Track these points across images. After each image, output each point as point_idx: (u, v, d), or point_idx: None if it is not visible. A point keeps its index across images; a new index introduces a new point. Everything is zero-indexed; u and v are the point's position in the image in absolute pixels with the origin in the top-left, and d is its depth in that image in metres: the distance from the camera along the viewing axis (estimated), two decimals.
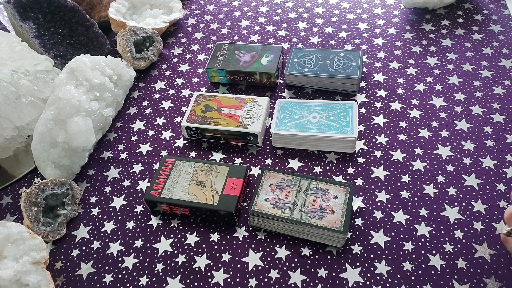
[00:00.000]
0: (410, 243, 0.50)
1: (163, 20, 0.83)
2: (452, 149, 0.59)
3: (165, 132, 0.67)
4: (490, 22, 0.77)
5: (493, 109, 0.63)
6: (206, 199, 0.53)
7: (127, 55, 0.74)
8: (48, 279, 0.48)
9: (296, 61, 0.70)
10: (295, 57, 0.71)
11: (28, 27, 0.70)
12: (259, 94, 0.71)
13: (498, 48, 0.72)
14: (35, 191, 0.54)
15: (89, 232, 0.56)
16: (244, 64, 0.71)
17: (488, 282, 0.46)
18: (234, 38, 0.83)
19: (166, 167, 0.58)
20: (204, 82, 0.75)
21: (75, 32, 0.77)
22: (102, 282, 0.51)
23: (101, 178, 0.62)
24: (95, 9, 0.85)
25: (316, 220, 0.49)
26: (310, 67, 0.68)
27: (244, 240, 0.53)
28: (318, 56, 0.70)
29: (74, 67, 0.63)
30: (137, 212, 0.57)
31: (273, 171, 0.56)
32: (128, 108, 0.72)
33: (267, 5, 0.90)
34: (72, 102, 0.60)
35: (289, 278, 0.49)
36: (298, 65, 0.69)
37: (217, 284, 0.49)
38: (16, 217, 0.59)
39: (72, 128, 0.59)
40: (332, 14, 0.85)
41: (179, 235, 0.54)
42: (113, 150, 0.66)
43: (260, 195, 0.53)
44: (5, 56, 0.64)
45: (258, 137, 0.61)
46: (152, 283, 0.50)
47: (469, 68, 0.70)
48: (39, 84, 0.66)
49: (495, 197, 0.53)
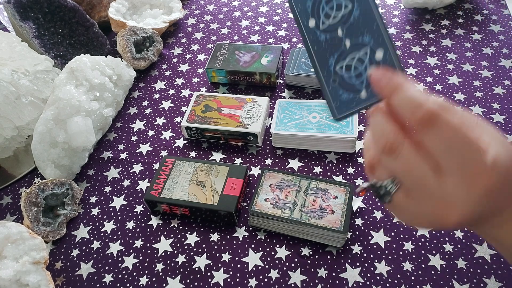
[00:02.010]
0: (410, 243, 0.50)
1: (163, 20, 0.83)
2: None
3: (165, 132, 0.67)
4: (490, 22, 0.77)
5: (493, 109, 0.63)
6: (206, 199, 0.53)
7: (127, 55, 0.74)
8: (48, 279, 0.48)
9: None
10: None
11: (28, 27, 0.70)
12: (259, 94, 0.71)
13: (498, 48, 0.72)
14: (35, 191, 0.54)
15: (89, 232, 0.56)
16: (244, 64, 0.71)
17: (488, 282, 0.46)
18: (234, 38, 0.83)
19: (166, 167, 0.58)
20: (204, 82, 0.75)
21: (75, 32, 0.77)
22: (102, 282, 0.51)
23: (101, 178, 0.62)
24: (95, 9, 0.85)
25: (316, 220, 0.49)
26: None
27: (244, 240, 0.53)
28: None
29: (74, 67, 0.63)
30: (137, 212, 0.57)
31: (273, 171, 0.56)
32: (128, 108, 0.72)
33: (267, 5, 0.90)
34: (72, 102, 0.60)
35: (289, 278, 0.48)
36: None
37: (217, 284, 0.49)
38: (16, 217, 0.59)
39: (72, 128, 0.59)
40: None
41: (179, 235, 0.54)
42: (113, 150, 0.66)
43: (260, 195, 0.53)
44: (5, 56, 0.64)
45: (258, 137, 0.61)
46: (152, 283, 0.50)
47: (469, 68, 0.70)
48: (39, 84, 0.66)
49: None
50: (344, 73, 0.30)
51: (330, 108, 0.31)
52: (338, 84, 0.30)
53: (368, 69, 0.29)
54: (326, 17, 0.29)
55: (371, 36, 0.29)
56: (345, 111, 0.30)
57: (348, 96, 0.30)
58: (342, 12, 0.29)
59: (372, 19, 0.28)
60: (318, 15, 0.29)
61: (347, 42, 0.29)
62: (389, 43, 0.28)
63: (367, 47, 0.29)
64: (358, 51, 0.29)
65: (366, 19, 0.28)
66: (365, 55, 0.29)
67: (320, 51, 0.30)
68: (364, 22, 0.29)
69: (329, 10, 0.29)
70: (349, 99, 0.30)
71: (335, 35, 0.29)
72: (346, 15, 0.29)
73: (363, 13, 0.28)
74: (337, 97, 0.30)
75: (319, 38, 0.30)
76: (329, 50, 0.30)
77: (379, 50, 0.28)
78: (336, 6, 0.29)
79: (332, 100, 0.31)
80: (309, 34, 0.30)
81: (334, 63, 0.30)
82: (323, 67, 0.30)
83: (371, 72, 0.27)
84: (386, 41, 0.28)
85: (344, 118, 0.31)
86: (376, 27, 0.28)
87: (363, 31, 0.29)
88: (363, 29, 0.29)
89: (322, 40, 0.30)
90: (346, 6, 0.29)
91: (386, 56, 0.28)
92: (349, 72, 0.30)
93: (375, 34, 0.28)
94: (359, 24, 0.29)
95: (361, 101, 0.30)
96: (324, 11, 0.29)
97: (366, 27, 0.29)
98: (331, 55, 0.30)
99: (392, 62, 0.28)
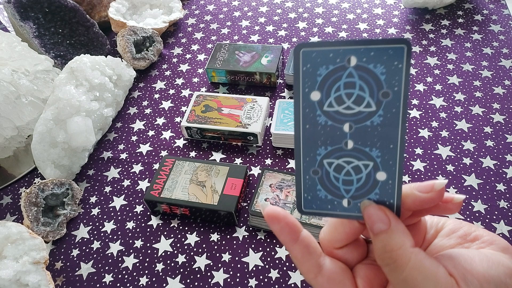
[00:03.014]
0: None
1: (163, 20, 0.83)
2: (452, 149, 0.59)
3: (165, 132, 0.67)
4: (490, 22, 0.77)
5: (493, 109, 0.63)
6: (206, 199, 0.53)
7: (127, 55, 0.74)
8: (48, 279, 0.48)
9: None
10: None
11: (28, 27, 0.70)
12: (259, 94, 0.71)
13: (498, 48, 0.72)
14: (35, 191, 0.54)
15: (89, 232, 0.56)
16: (244, 64, 0.71)
17: None
18: (234, 38, 0.83)
19: (166, 167, 0.58)
20: (204, 82, 0.75)
21: (75, 32, 0.77)
22: (102, 282, 0.51)
23: (101, 178, 0.62)
24: (95, 9, 0.85)
25: (316, 220, 0.49)
26: None
27: (244, 240, 0.53)
28: None
29: (74, 67, 0.63)
30: (137, 212, 0.57)
31: (273, 171, 0.56)
32: (128, 108, 0.72)
33: (267, 5, 0.90)
34: (72, 102, 0.60)
35: (289, 278, 0.48)
36: None
37: (217, 284, 0.49)
38: (16, 217, 0.59)
39: (72, 128, 0.59)
40: (332, 14, 0.85)
41: (179, 235, 0.54)
42: (113, 150, 0.66)
43: (260, 195, 0.53)
44: (5, 56, 0.64)
45: (258, 137, 0.61)
46: (152, 283, 0.50)
47: (469, 68, 0.70)
48: (39, 84, 0.66)
49: (495, 197, 0.53)
50: (331, 171, 0.24)
51: (298, 197, 0.25)
52: (318, 179, 0.24)
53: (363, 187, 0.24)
54: (337, 102, 0.23)
55: (382, 154, 0.23)
56: (315, 209, 0.25)
57: (325, 196, 0.24)
58: (360, 108, 0.22)
59: (392, 137, 0.22)
60: (328, 94, 0.22)
61: (349, 143, 0.23)
62: (399, 172, 0.23)
63: (372, 163, 0.23)
64: (359, 160, 0.23)
65: (386, 133, 0.22)
66: (365, 167, 0.23)
67: (312, 133, 0.23)
68: (381, 135, 0.22)
69: (345, 97, 0.22)
70: (325, 200, 0.24)
71: (339, 128, 0.23)
72: (363, 115, 0.22)
73: (385, 125, 0.22)
74: (312, 190, 0.25)
75: (317, 119, 0.23)
76: (323, 139, 0.23)
77: (383, 172, 0.23)
78: (355, 98, 0.22)
79: (303, 191, 0.25)
80: (306, 107, 0.23)
81: (323, 155, 0.24)
82: (308, 151, 0.24)
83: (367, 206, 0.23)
84: (396, 169, 0.23)
85: (309, 215, 0.25)
86: (393, 149, 0.23)
87: (375, 144, 0.23)
88: (376, 142, 0.23)
89: (320, 123, 0.23)
90: (369, 106, 0.22)
91: (389, 183, 0.23)
92: (338, 173, 0.24)
93: (387, 154, 0.23)
94: (374, 133, 0.22)
95: (339, 208, 0.24)
96: (338, 93, 0.22)
97: (380, 141, 0.23)
98: (324, 145, 0.24)
99: (393, 193, 0.23)
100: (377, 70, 0.21)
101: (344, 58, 0.22)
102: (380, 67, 0.21)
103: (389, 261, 0.22)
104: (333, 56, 0.22)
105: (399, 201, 0.23)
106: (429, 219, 0.27)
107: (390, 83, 0.22)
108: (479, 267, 0.22)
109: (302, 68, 0.22)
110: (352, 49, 0.21)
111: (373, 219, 0.23)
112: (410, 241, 0.22)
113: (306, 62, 0.22)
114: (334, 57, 0.22)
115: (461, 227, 0.26)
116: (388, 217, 0.23)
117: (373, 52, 0.21)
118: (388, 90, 0.22)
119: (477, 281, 0.21)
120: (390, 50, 0.21)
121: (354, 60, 0.22)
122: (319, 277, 0.24)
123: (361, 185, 0.24)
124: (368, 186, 0.24)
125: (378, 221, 0.23)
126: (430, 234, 0.27)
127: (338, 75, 0.22)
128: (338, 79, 0.22)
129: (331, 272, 0.24)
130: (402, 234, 0.22)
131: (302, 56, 0.22)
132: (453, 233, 0.26)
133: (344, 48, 0.22)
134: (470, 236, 0.25)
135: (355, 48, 0.21)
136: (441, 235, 0.26)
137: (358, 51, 0.21)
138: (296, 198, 0.25)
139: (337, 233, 0.25)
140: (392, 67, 0.21)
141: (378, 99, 0.22)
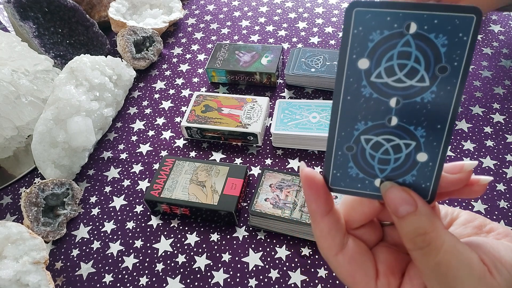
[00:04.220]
0: None
1: (163, 20, 0.83)
2: (452, 149, 0.59)
3: (165, 132, 0.67)
4: (490, 22, 0.77)
5: (493, 109, 0.63)
6: (206, 199, 0.53)
7: (127, 55, 0.74)
8: (48, 279, 0.48)
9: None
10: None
11: (28, 27, 0.70)
12: (259, 94, 0.71)
13: (498, 48, 0.72)
14: (35, 191, 0.54)
15: (89, 232, 0.56)
16: (244, 64, 0.71)
17: None
18: (234, 38, 0.83)
19: (166, 167, 0.58)
20: (204, 82, 0.75)
21: (75, 32, 0.77)
22: (102, 282, 0.51)
23: (101, 178, 0.62)
24: (95, 9, 0.85)
25: None
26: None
27: (244, 240, 0.53)
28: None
29: (74, 67, 0.63)
30: (137, 212, 0.57)
31: (273, 171, 0.56)
32: (128, 108, 0.72)
33: (267, 5, 0.90)
34: (72, 102, 0.60)
35: (289, 278, 0.49)
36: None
37: (217, 284, 0.49)
38: (16, 217, 0.59)
39: (72, 128, 0.59)
40: (332, 14, 0.85)
41: (179, 235, 0.54)
42: (113, 150, 0.66)
43: (260, 195, 0.53)
44: (5, 56, 0.64)
45: (258, 137, 0.61)
46: (152, 283, 0.50)
47: (469, 68, 0.70)
48: (39, 84, 0.66)
49: (495, 197, 0.53)
50: (368, 148, 0.22)
51: (326, 173, 0.23)
52: (351, 156, 0.23)
53: (400, 168, 0.22)
54: (387, 73, 0.20)
55: (427, 134, 0.21)
56: (343, 187, 0.23)
57: (357, 174, 0.23)
58: (411, 82, 0.20)
59: (442, 117, 0.21)
60: (378, 63, 0.20)
61: (393, 119, 0.21)
62: (442, 156, 0.21)
63: (414, 142, 0.21)
64: (400, 138, 0.22)
65: (435, 112, 0.21)
66: (406, 147, 0.22)
67: (352, 106, 0.21)
68: (429, 114, 0.21)
69: (397, 68, 0.20)
70: (356, 178, 0.23)
71: (384, 102, 0.21)
72: (414, 91, 0.20)
73: (436, 103, 0.20)
74: (342, 168, 0.23)
75: (361, 90, 0.21)
76: (365, 113, 0.21)
77: (425, 153, 0.22)
78: (409, 70, 0.20)
79: (333, 167, 0.23)
80: (350, 75, 0.21)
81: (362, 130, 0.22)
82: (345, 126, 0.22)
83: (388, 188, 0.22)
84: (439, 152, 0.21)
85: (336, 192, 0.24)
86: (440, 130, 0.21)
87: (421, 123, 0.21)
88: (423, 121, 0.21)
89: (364, 94, 0.21)
90: (422, 80, 0.20)
91: (429, 166, 0.22)
92: (376, 151, 0.22)
93: (432, 134, 0.21)
94: (423, 111, 0.21)
95: (370, 188, 0.23)
96: (390, 63, 0.20)
97: (428, 121, 0.21)
98: (364, 120, 0.22)
99: (431, 176, 0.22)
100: (438, 41, 0.19)
101: (403, 24, 0.19)
102: (442, 37, 0.19)
103: (422, 244, 0.21)
104: (391, 20, 0.19)
105: (436, 185, 0.22)
106: (444, 208, 0.27)
107: (450, 57, 0.19)
108: (506, 257, 0.21)
109: (352, 30, 0.20)
110: (414, 13, 0.19)
111: (397, 201, 0.22)
112: (441, 223, 0.21)
113: (358, 24, 0.20)
114: (392, 21, 0.19)
115: (476, 218, 0.25)
116: (414, 198, 0.22)
117: (437, 20, 0.19)
118: (447, 65, 0.20)
119: (506, 270, 0.20)
120: (456, 19, 0.19)
121: (414, 27, 0.19)
122: (340, 256, 0.23)
123: (398, 165, 0.22)
124: (406, 167, 0.22)
125: (404, 203, 0.21)
126: (446, 221, 0.26)
127: (393, 42, 0.20)
128: (392, 47, 0.20)
129: (353, 252, 0.23)
130: (432, 216, 0.21)
131: (354, 17, 0.20)
132: (469, 222, 0.25)
133: (405, 12, 0.19)
134: (486, 228, 0.24)
135: (417, 13, 0.19)
136: (457, 223, 0.25)
137: (420, 17, 0.19)
138: (324, 174, 0.23)
139: (354, 213, 0.24)
140: (456, 39, 0.19)
141: (434, 73, 0.20)
